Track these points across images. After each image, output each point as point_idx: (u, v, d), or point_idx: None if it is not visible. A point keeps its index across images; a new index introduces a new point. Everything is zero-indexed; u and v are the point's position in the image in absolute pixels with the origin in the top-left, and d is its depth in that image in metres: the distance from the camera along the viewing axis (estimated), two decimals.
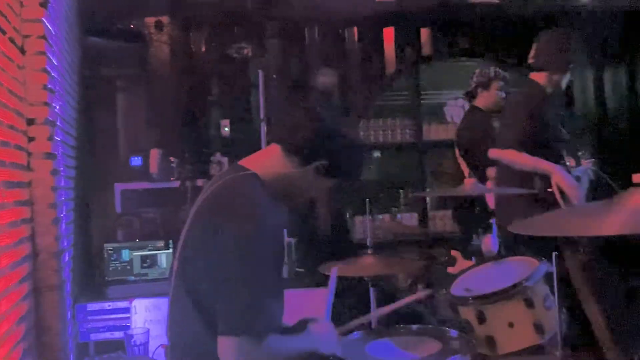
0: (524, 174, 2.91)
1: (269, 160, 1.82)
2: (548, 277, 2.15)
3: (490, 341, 2.19)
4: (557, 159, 3.03)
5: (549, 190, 2.83)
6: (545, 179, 2.86)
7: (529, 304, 2.16)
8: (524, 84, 3.21)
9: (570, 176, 2.87)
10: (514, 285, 2.17)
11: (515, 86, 3.65)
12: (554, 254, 1.42)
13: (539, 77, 3.13)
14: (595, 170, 2.99)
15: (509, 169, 2.95)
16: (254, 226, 1.62)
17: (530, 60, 3.19)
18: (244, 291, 1.61)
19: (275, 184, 1.78)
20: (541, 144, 3.00)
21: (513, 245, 2.46)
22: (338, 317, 2.30)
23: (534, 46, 3.17)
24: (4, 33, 2.37)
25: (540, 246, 2.65)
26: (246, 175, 1.76)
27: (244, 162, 1.83)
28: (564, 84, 3.20)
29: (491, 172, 3.10)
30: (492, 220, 2.48)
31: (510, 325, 2.18)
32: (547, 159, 2.92)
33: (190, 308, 1.69)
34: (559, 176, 2.84)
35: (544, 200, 2.85)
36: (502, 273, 2.35)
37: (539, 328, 2.15)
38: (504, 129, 3.11)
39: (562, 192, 2.82)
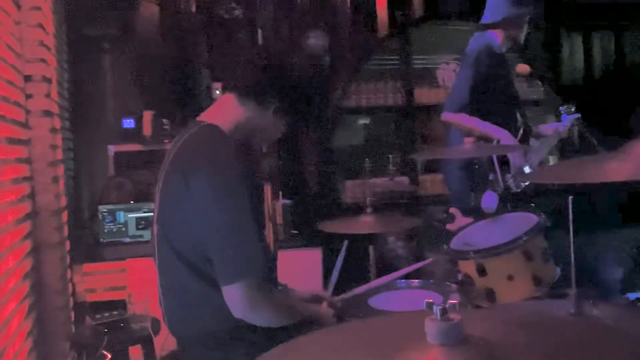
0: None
1: (225, 110, 1.82)
2: (546, 231, 2.21)
3: (490, 293, 2.26)
4: (510, 122, 3.03)
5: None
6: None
7: (528, 257, 2.23)
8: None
9: (516, 144, 2.86)
10: (514, 240, 2.23)
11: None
12: (570, 198, 1.46)
13: (494, 35, 3.08)
14: (578, 125, 2.98)
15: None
16: (225, 172, 1.65)
17: (484, 18, 3.13)
18: (235, 236, 1.63)
19: (237, 132, 1.80)
20: (492, 106, 2.98)
21: (512, 201, 2.51)
22: (340, 278, 2.35)
23: (487, 3, 3.13)
24: None
25: (539, 202, 2.73)
26: (206, 126, 1.77)
27: (202, 117, 1.84)
28: (521, 38, 3.15)
29: (468, 140, 3.09)
30: (490, 177, 2.52)
31: (510, 278, 2.24)
32: (499, 122, 2.90)
33: (180, 268, 1.70)
34: (507, 143, 2.82)
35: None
36: (502, 228, 2.41)
37: (537, 280, 2.22)
38: (454, 91, 3.07)
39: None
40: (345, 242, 2.28)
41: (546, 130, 3.13)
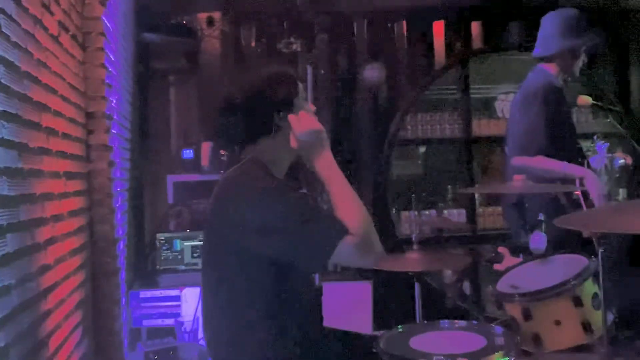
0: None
1: (258, 148, 1.84)
2: (597, 275, 2.11)
3: (537, 338, 2.18)
4: (578, 157, 2.91)
5: (576, 193, 2.71)
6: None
7: (577, 302, 2.14)
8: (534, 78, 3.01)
9: (599, 182, 2.73)
10: (562, 283, 2.15)
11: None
12: (600, 251, 1.40)
13: (549, 69, 2.98)
14: (612, 155, 2.83)
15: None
16: (265, 193, 1.67)
17: (535, 52, 3.02)
18: (305, 223, 1.62)
19: (278, 163, 1.83)
20: (559, 143, 2.86)
21: (561, 243, 2.42)
22: (383, 311, 2.33)
23: (539, 35, 3.02)
24: (67, 31, 2.48)
25: (589, 244, 2.61)
26: (249, 160, 1.81)
27: (250, 151, 1.86)
28: (577, 71, 3.03)
29: (517, 177, 2.99)
30: (540, 217, 2.44)
31: (557, 323, 2.16)
32: (570, 159, 2.80)
33: (224, 298, 1.73)
34: (591, 182, 2.71)
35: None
36: (550, 271, 2.33)
37: (586, 327, 2.12)
38: (528, 133, 2.88)
39: (585, 197, 2.70)
40: None
41: (595, 163, 2.99)
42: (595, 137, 2.88)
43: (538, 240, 2.36)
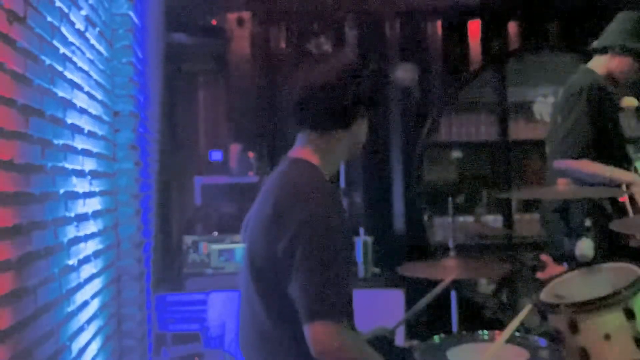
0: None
1: (307, 146, 1.74)
2: None
3: (583, 353, 2.03)
4: (624, 162, 2.74)
5: (621, 199, 2.55)
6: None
7: (629, 315, 1.98)
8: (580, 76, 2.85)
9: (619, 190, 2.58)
10: (613, 294, 2.00)
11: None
12: None
13: (596, 68, 2.84)
14: None
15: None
16: (317, 206, 1.60)
17: (594, 43, 2.85)
18: (323, 273, 1.56)
19: (326, 164, 1.74)
20: (609, 147, 2.72)
21: (607, 251, 2.27)
22: (416, 320, 2.22)
23: (605, 30, 2.86)
24: (94, 26, 2.43)
25: (637, 253, 2.45)
26: (296, 161, 1.72)
27: (292, 154, 1.78)
28: (627, 75, 2.82)
29: (562, 182, 2.83)
30: (587, 223, 2.30)
31: (607, 337, 2.01)
32: (616, 164, 2.65)
33: (260, 305, 1.67)
34: (639, 188, 2.56)
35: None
36: (598, 280, 2.18)
37: (639, 342, 1.97)
38: (572, 134, 2.71)
39: (632, 202, 2.54)
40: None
41: None
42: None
43: (585, 247, 2.21)
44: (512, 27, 4.43)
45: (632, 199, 2.56)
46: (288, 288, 1.60)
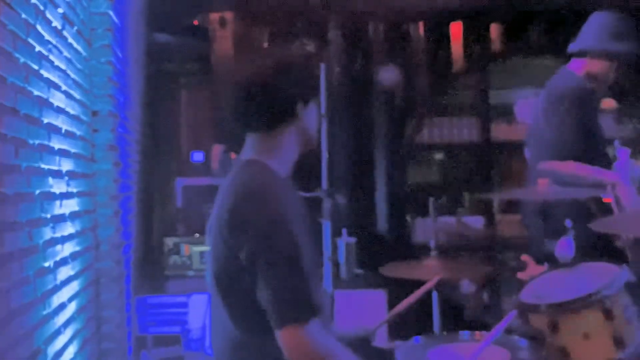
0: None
1: (256, 147, 1.70)
2: (630, 286, 1.97)
3: (564, 352, 2.04)
4: (605, 162, 2.77)
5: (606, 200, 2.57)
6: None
7: (608, 315, 1.99)
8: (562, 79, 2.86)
9: (632, 188, 2.60)
10: (592, 294, 2.01)
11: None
12: None
13: (576, 70, 2.84)
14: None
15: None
16: (273, 210, 1.57)
17: (571, 46, 2.86)
18: (286, 276, 1.54)
19: (278, 160, 1.70)
20: (592, 149, 2.73)
21: (591, 249, 2.28)
22: (398, 321, 2.22)
23: (581, 31, 2.88)
24: (72, 25, 2.40)
25: (619, 253, 2.46)
26: (249, 163, 1.69)
27: (243, 156, 1.75)
28: (608, 78, 2.84)
29: (542, 182, 2.84)
30: (568, 222, 2.31)
31: (586, 336, 2.02)
32: (600, 166, 2.67)
33: (225, 312, 1.64)
34: (623, 189, 2.58)
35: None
36: (578, 280, 2.19)
37: (618, 341, 1.98)
38: (558, 135, 2.72)
39: (617, 204, 2.56)
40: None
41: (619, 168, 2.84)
42: (616, 142, 2.73)
43: (565, 247, 2.22)
44: (494, 29, 4.46)
45: (617, 199, 2.58)
46: (256, 295, 1.57)
